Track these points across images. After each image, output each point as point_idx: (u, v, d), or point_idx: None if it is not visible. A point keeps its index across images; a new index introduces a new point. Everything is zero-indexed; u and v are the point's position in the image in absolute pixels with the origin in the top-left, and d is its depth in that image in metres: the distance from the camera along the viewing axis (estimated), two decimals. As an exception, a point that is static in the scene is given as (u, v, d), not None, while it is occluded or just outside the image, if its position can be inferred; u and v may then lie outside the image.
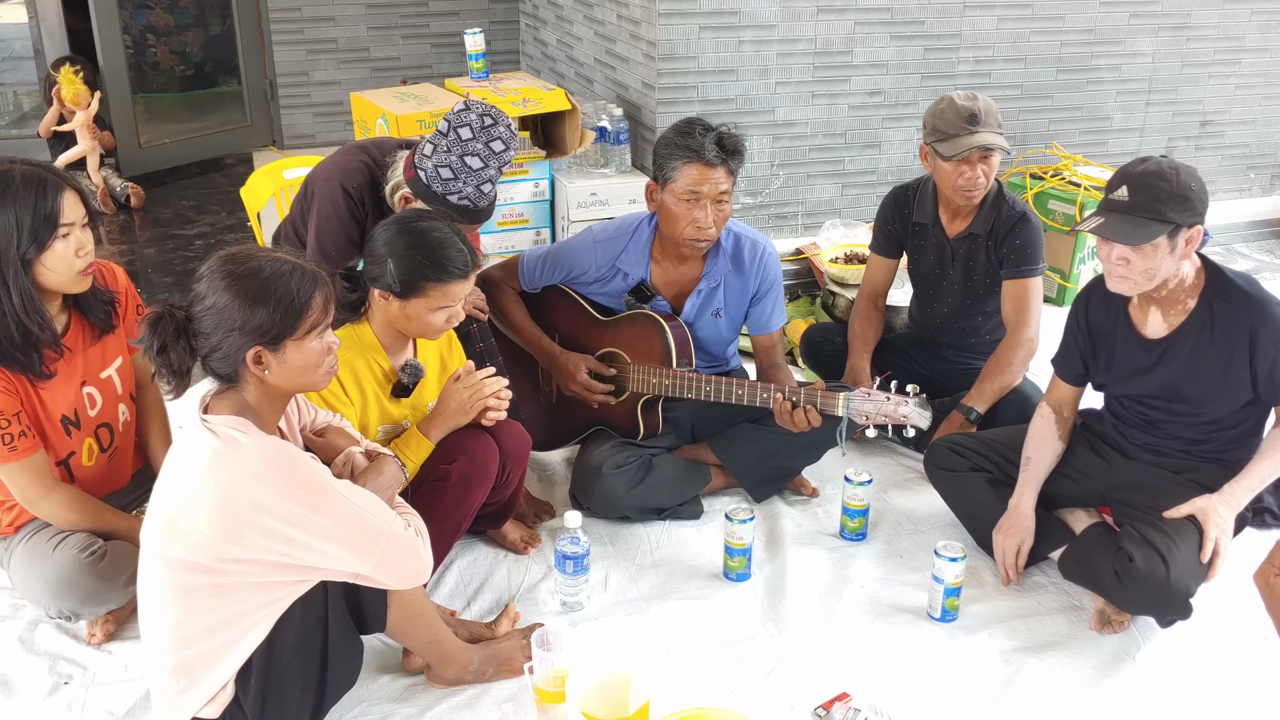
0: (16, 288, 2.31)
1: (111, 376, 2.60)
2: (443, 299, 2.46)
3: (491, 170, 2.74)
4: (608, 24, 4.68)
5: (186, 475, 1.96)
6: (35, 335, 2.36)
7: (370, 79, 5.97)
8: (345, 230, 2.96)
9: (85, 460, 2.57)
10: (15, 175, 2.30)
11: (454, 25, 5.99)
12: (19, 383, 2.39)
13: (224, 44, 7.22)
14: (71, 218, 2.34)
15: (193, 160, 5.69)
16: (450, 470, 2.51)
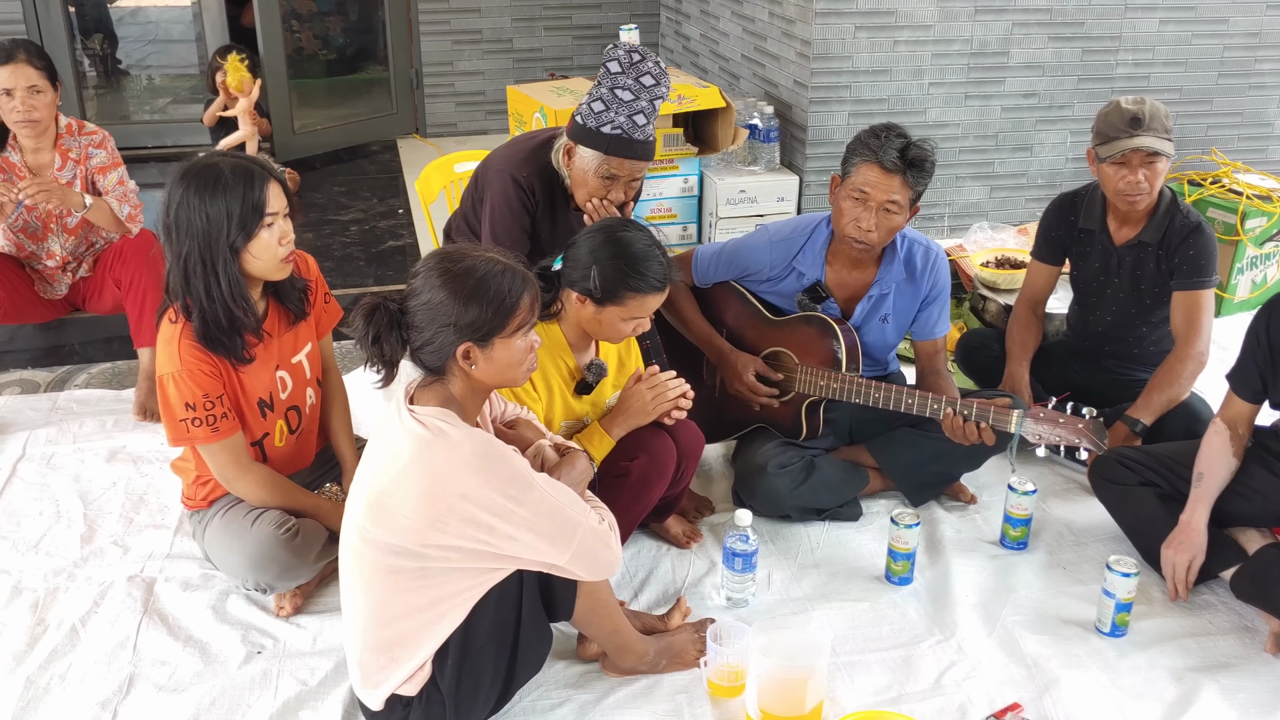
0: (226, 275, 2.42)
1: (302, 361, 2.72)
2: (638, 309, 2.52)
3: (643, 103, 2.78)
4: (758, 21, 4.70)
5: (394, 461, 2.05)
6: (240, 321, 2.48)
7: (512, 70, 6.08)
8: (518, 220, 3.03)
9: (277, 441, 2.69)
10: (224, 167, 2.41)
11: (595, 18, 6.06)
12: (223, 366, 2.51)
13: (364, 30, 7.42)
14: (275, 207, 2.45)
15: (341, 147, 5.84)
16: (631, 467, 2.57)
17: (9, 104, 3.37)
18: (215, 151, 2.49)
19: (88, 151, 3.56)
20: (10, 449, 3.39)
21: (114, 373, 3.90)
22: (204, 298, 2.43)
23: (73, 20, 5.81)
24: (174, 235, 2.41)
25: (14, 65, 3.34)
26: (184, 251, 2.40)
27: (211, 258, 2.40)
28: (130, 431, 3.49)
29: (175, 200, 2.40)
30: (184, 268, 2.42)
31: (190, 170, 2.41)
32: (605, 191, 2.91)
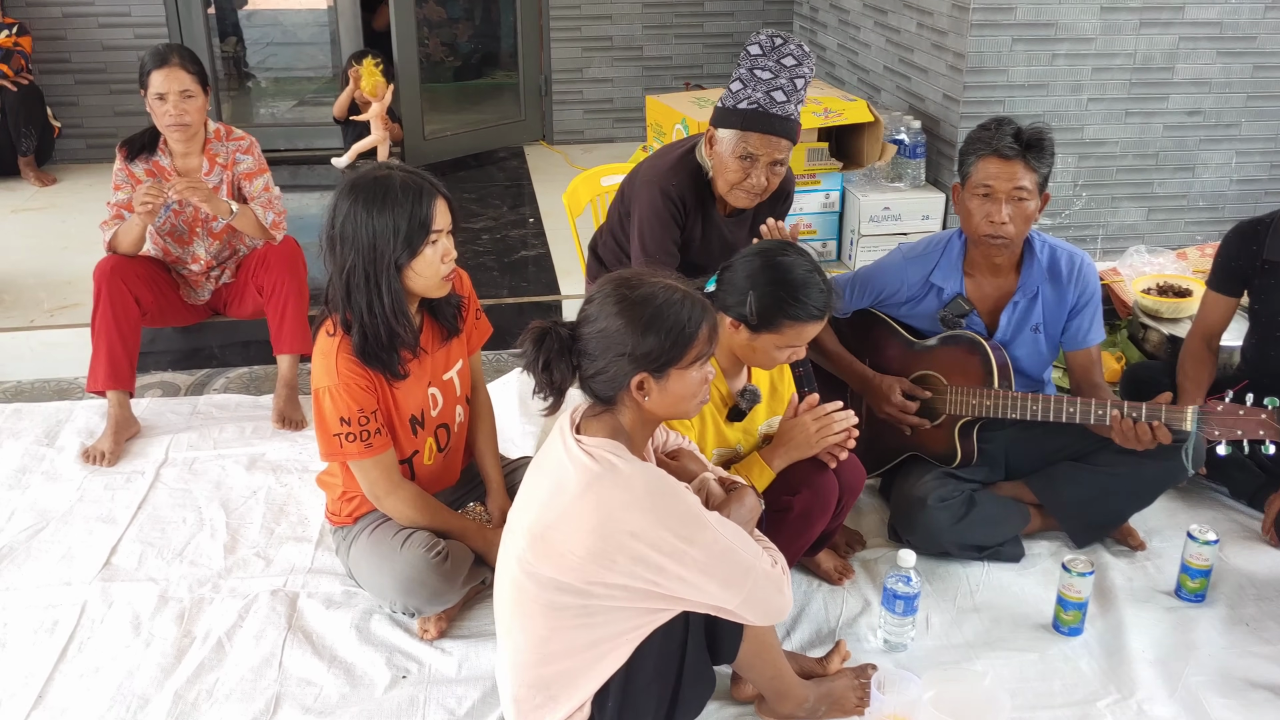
0: (388, 291, 2.38)
1: (453, 379, 2.66)
2: (795, 338, 2.41)
3: (782, 80, 2.69)
4: (904, 32, 4.55)
5: (560, 494, 1.96)
6: (399, 337, 2.43)
7: (642, 78, 6.01)
8: (667, 232, 2.95)
9: (426, 459, 2.64)
10: (395, 181, 2.36)
11: (727, 26, 5.96)
12: (378, 382, 2.46)
13: (491, 37, 7.43)
14: (441, 224, 2.40)
15: (469, 153, 5.82)
16: (793, 502, 2.46)
17: (161, 108, 3.38)
18: (384, 164, 2.44)
19: (235, 156, 3.56)
20: (154, 452, 3.40)
21: (251, 377, 3.91)
22: (365, 313, 2.39)
23: (212, 22, 5.89)
24: (338, 247, 2.37)
25: (168, 69, 3.36)
26: (347, 265, 2.37)
27: (375, 273, 2.36)
28: (269, 439, 3.48)
29: (342, 213, 2.36)
30: (346, 281, 2.38)
31: (360, 183, 2.37)
32: (745, 175, 2.80)
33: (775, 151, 2.76)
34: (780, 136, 2.74)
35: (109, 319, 3.40)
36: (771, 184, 2.84)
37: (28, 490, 3.21)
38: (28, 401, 3.74)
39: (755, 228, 3.02)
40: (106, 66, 5.62)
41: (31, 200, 5.24)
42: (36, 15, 5.48)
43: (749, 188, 2.82)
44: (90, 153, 5.78)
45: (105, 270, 3.42)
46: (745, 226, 3.04)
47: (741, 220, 3.03)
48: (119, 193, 3.50)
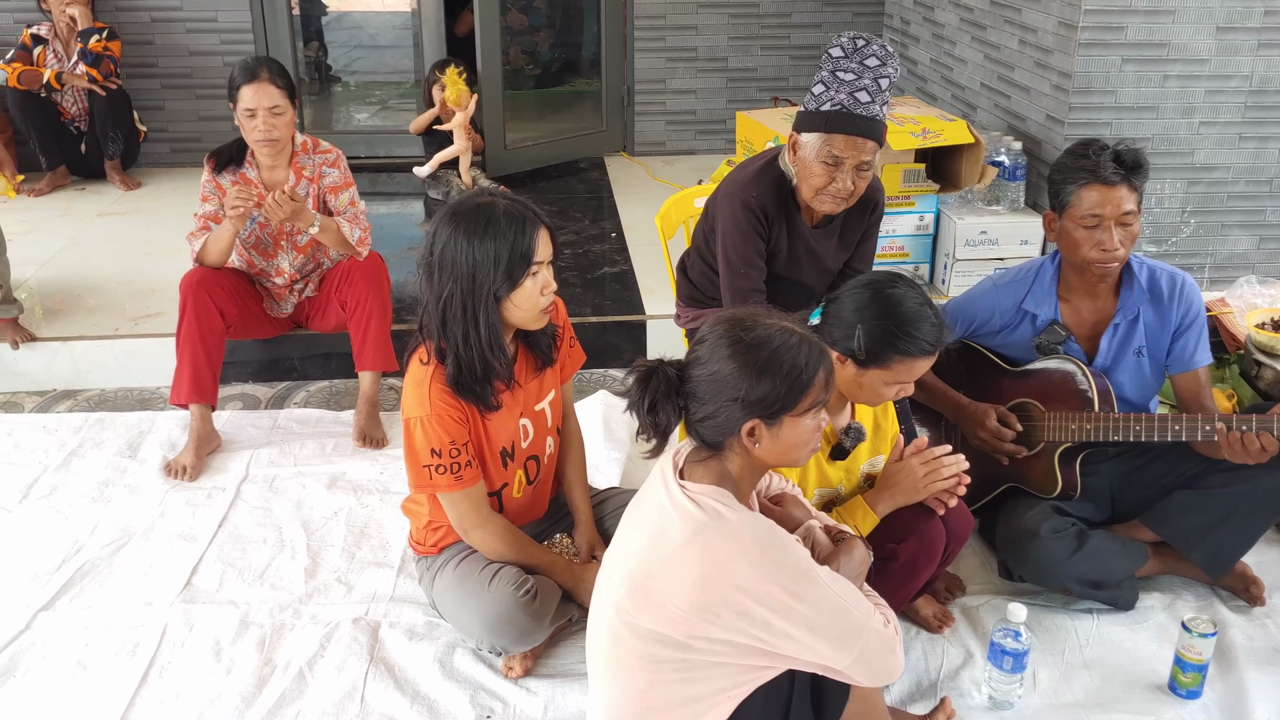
0: (486, 322, 2.31)
1: (545, 409, 2.59)
2: (905, 374, 2.30)
3: (866, 81, 2.61)
4: (1005, 49, 4.40)
5: (663, 542, 1.87)
6: (494, 369, 2.36)
7: (725, 90, 5.90)
8: (750, 244, 2.86)
9: (515, 492, 2.57)
10: (498, 210, 2.29)
11: (814, 38, 5.83)
12: (470, 413, 2.39)
13: (570, 45, 7.36)
14: (543, 255, 2.32)
15: (550, 163, 5.76)
16: (899, 550, 2.35)
17: (250, 123, 3.35)
18: (487, 190, 2.39)
19: (321, 170, 3.52)
20: (234, 468, 3.37)
21: (331, 392, 3.87)
22: (460, 343, 2.32)
23: (297, 27, 5.88)
24: (436, 275, 2.31)
25: (258, 84, 3.31)
26: (445, 293, 2.30)
27: (473, 303, 2.29)
28: (349, 457, 3.43)
29: (442, 239, 2.30)
30: (443, 310, 2.31)
31: (462, 209, 2.31)
32: (830, 179, 2.70)
33: (860, 154, 2.67)
34: (865, 137, 2.65)
35: (194, 332, 3.37)
36: (858, 188, 2.75)
37: (110, 503, 3.18)
38: (110, 410, 3.73)
39: (844, 238, 2.94)
40: (192, 71, 5.64)
41: (116, 204, 5.27)
42: (126, 20, 5.51)
43: (835, 192, 2.72)
44: (174, 157, 5.80)
45: (191, 282, 3.39)
46: (833, 237, 2.95)
47: (829, 231, 2.94)
48: (206, 204, 3.47)
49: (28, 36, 5.32)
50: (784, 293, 2.92)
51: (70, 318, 4.02)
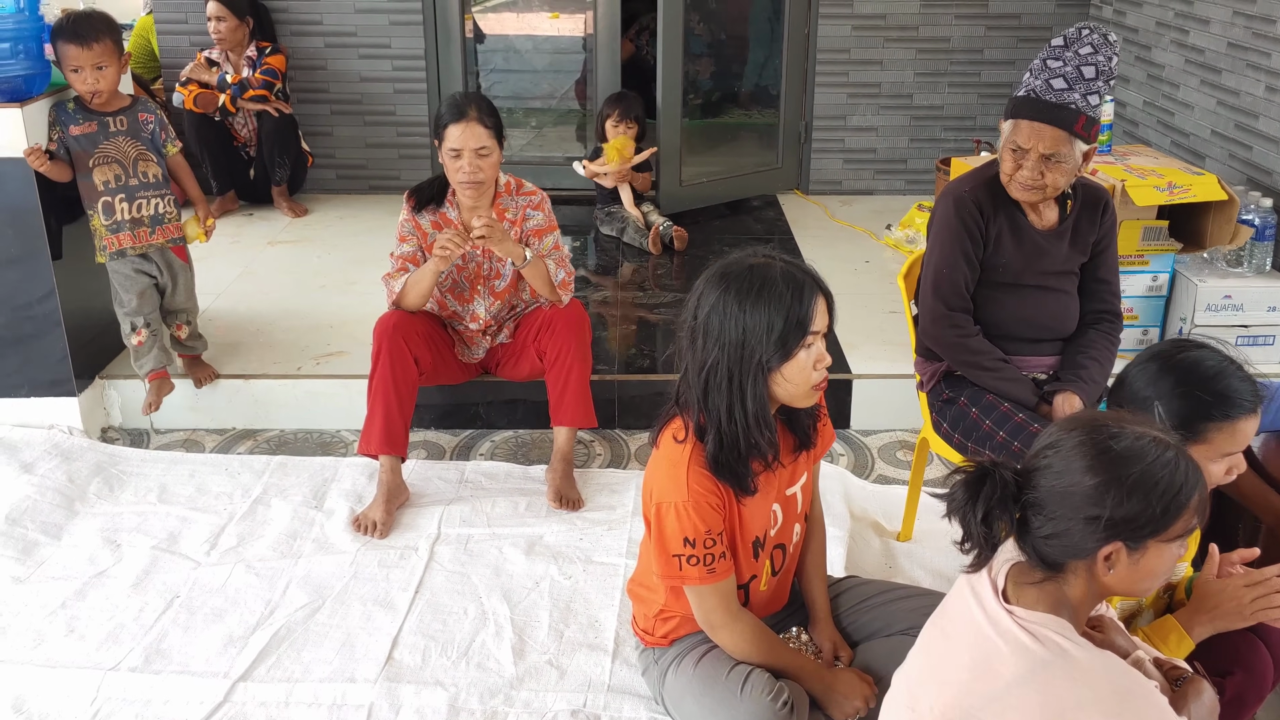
0: (753, 395, 2.07)
1: (796, 493, 2.33)
2: (1229, 443, 2.01)
3: (1068, 68, 2.45)
4: (1246, 95, 4.03)
5: (989, 678, 1.60)
6: (759, 447, 2.12)
7: (908, 127, 5.61)
8: (959, 244, 2.69)
9: (762, 584, 2.31)
10: (775, 273, 2.05)
11: (1006, 75, 5.51)
12: (727, 498, 2.15)
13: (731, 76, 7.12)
14: (819, 325, 2.08)
15: (723, 200, 5.52)
16: (1225, 684, 2.03)
17: (455, 164, 3.16)
18: (760, 250, 2.14)
19: (525, 212, 3.33)
20: (425, 525, 3.17)
21: (518, 443, 3.67)
22: (724, 418, 2.09)
23: (472, 53, 5.74)
24: (701, 341, 2.09)
25: (465, 124, 3.13)
26: (710, 362, 2.07)
27: (741, 374, 2.06)
28: (545, 519, 3.21)
29: (709, 302, 2.07)
30: (705, 380, 2.08)
31: (734, 271, 2.08)
32: (1016, 168, 2.57)
33: (1040, 141, 2.51)
34: (1045, 123, 2.49)
35: (388, 379, 3.20)
36: (1052, 181, 2.57)
37: (300, 560, 3.01)
38: (291, 454, 3.58)
39: (1076, 241, 2.75)
40: (362, 98, 5.54)
41: (285, 232, 5.17)
42: (300, 45, 5.43)
43: (1023, 180, 2.58)
44: (340, 183, 5.71)
45: (387, 328, 3.22)
46: (1064, 239, 2.74)
47: (1060, 232, 2.73)
48: (404, 245, 3.30)
49: (202, 59, 5.27)
50: (1011, 304, 2.74)
51: (250, 354, 3.89)
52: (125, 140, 3.42)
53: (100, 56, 3.27)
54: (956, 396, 2.80)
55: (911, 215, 4.93)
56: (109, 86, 3.33)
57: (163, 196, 3.50)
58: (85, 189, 3.39)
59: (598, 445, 3.64)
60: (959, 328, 2.74)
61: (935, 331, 2.78)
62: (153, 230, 3.48)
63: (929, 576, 2.96)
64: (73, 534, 3.14)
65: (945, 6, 5.40)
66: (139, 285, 3.53)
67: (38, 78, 3.33)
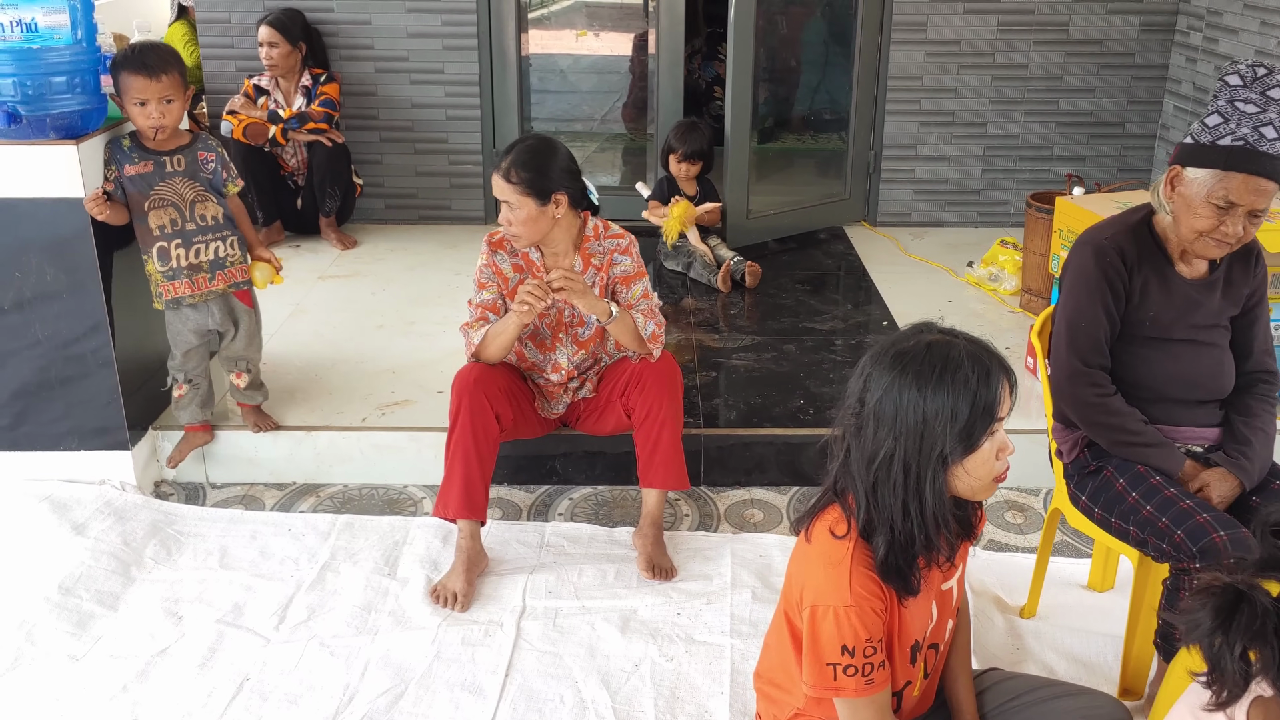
0: (933, 490, 1.83)
1: (952, 587, 2.09)
2: None
3: (1272, 115, 2.25)
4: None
5: None
6: (936, 547, 1.89)
7: (981, 157, 5.37)
8: (1097, 295, 2.47)
9: (915, 690, 2.07)
10: (959, 353, 1.82)
11: (1086, 104, 5.28)
12: (890, 600, 1.91)
13: (783, 101, 6.90)
14: (1005, 411, 1.84)
15: (790, 233, 5.28)
16: None
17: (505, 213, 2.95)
18: (931, 325, 1.91)
19: (612, 257, 3.10)
20: (509, 597, 2.94)
21: (598, 501, 3.43)
22: (897, 516, 1.85)
23: (527, 78, 5.51)
24: (871, 429, 1.85)
25: (497, 176, 2.91)
26: (883, 453, 1.84)
27: (919, 467, 1.83)
28: (636, 590, 2.97)
29: (882, 384, 1.84)
30: (876, 473, 1.85)
31: (910, 350, 1.84)
32: (1216, 224, 2.33)
33: (1258, 198, 2.30)
34: (1268, 178, 2.27)
35: (468, 438, 2.97)
36: (1247, 235, 2.36)
37: (377, 637, 2.78)
38: (357, 513, 3.35)
39: (1229, 293, 2.53)
40: (413, 124, 5.32)
41: (335, 265, 4.96)
42: (350, 70, 5.22)
43: (1221, 236, 2.35)
44: (389, 213, 5.49)
45: (468, 382, 2.99)
46: (1215, 290, 2.51)
47: (1210, 283, 2.51)
48: (483, 292, 3.07)
49: (250, 86, 5.07)
50: (1160, 360, 2.51)
51: (309, 402, 3.66)
52: (182, 181, 3.20)
53: (168, 89, 3.06)
54: (1101, 467, 2.56)
55: (994, 251, 4.69)
56: (174, 122, 3.12)
57: (224, 239, 3.28)
58: (141, 233, 3.18)
59: (684, 505, 3.40)
60: (1097, 386, 2.50)
61: (1071, 390, 2.54)
62: (212, 276, 3.26)
63: (1063, 661, 2.71)
64: (130, 604, 2.91)
65: (1023, 32, 5.17)
66: (187, 343, 3.31)
67: (94, 113, 3.12)
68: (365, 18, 5.17)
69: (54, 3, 2.94)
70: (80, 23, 3.01)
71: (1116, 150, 5.37)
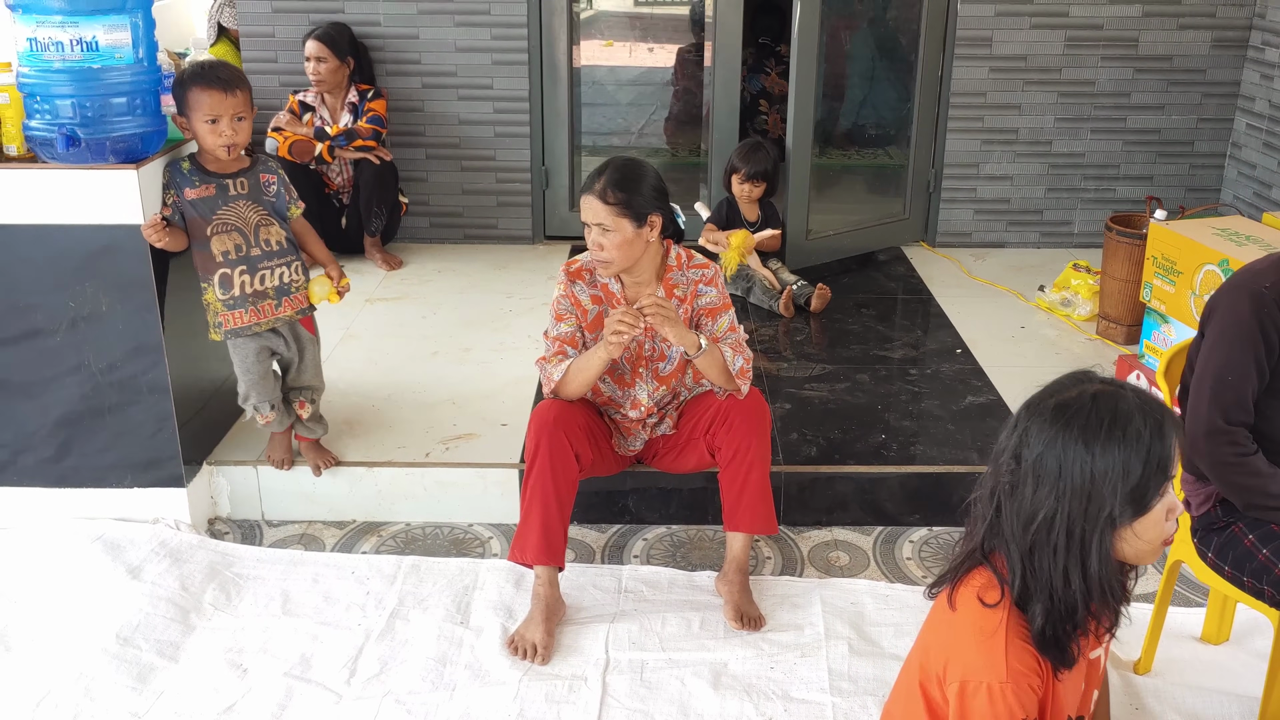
0: (1099, 556, 1.69)
1: (1100, 655, 1.93)
2: None
3: None
4: None
5: None
6: (1098, 617, 1.74)
7: (1044, 176, 5.21)
8: (1250, 345, 2.27)
9: (1062, 772, 1.91)
10: (1130, 406, 1.67)
11: (1154, 121, 5.11)
12: (1045, 674, 1.75)
13: (842, 118, 6.73)
14: (1177, 469, 1.69)
15: (849, 254, 5.12)
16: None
17: (588, 238, 2.80)
18: (1092, 375, 1.76)
19: (697, 288, 2.95)
20: (590, 647, 2.78)
21: (674, 542, 3.27)
22: (1059, 583, 1.70)
23: (578, 95, 5.34)
24: (1030, 489, 1.71)
25: (588, 196, 2.77)
26: (1043, 515, 1.69)
27: (1085, 530, 1.68)
28: (724, 640, 2.81)
29: (1043, 438, 1.69)
30: (1033, 534, 1.70)
31: (1073, 403, 1.69)
32: None
33: None
34: None
35: (547, 479, 2.81)
36: None
37: (454, 692, 2.62)
38: (422, 554, 3.19)
39: None
40: (460, 141, 5.18)
41: (383, 287, 4.81)
42: (397, 85, 5.08)
43: None
44: (433, 232, 5.34)
45: (548, 421, 2.83)
46: None
47: None
48: (561, 324, 2.91)
49: (295, 103, 4.93)
50: None
51: (368, 436, 3.51)
52: (246, 205, 3.06)
53: (241, 106, 2.92)
54: (1230, 522, 2.39)
55: (1066, 275, 4.52)
56: (245, 141, 2.98)
57: (289, 264, 3.13)
58: (201, 260, 3.02)
59: (765, 547, 3.24)
60: (1238, 445, 2.32)
61: (1208, 448, 2.35)
62: (279, 303, 3.12)
63: (1186, 723, 2.55)
64: (191, 655, 2.76)
65: (1091, 48, 5.00)
66: (257, 369, 3.17)
67: (155, 135, 2.97)
68: (413, 32, 5.03)
69: (116, 19, 2.79)
70: (142, 40, 2.87)
71: (1185, 169, 5.20)
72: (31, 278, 3.01)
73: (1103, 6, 4.95)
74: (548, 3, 5.02)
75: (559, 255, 5.20)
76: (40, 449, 3.18)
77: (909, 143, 5.17)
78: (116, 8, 2.80)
